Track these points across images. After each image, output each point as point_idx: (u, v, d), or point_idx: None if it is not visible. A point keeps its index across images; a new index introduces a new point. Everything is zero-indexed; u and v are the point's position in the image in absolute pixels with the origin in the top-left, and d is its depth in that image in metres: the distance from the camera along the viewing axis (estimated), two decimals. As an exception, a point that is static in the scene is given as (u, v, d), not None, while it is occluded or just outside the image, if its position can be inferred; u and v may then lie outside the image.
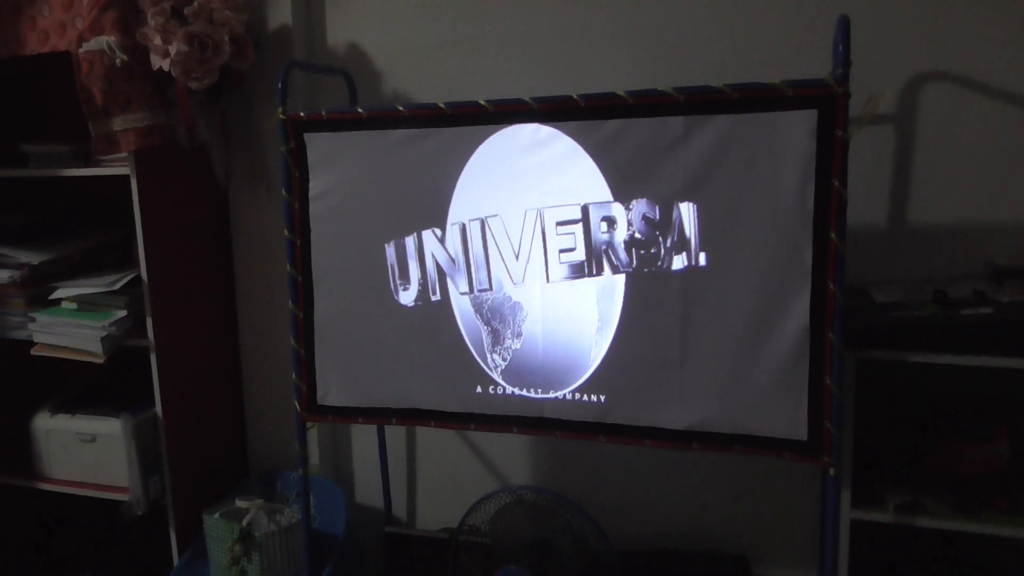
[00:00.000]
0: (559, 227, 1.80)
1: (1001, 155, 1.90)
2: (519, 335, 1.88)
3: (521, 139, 1.80)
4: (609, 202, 1.74)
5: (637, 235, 1.73)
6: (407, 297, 1.95)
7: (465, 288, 1.90)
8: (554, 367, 1.86)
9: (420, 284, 1.94)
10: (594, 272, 1.78)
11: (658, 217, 1.71)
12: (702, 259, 1.69)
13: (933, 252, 1.97)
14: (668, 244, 1.71)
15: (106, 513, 2.49)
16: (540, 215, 1.81)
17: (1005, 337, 1.64)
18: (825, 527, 1.79)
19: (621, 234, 1.75)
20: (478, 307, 1.90)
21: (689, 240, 1.69)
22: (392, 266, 1.95)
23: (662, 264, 1.72)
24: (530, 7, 2.21)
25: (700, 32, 2.08)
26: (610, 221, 1.75)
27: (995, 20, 1.86)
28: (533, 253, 1.83)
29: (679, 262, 1.71)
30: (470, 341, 1.92)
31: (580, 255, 1.79)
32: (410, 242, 1.93)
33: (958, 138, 1.93)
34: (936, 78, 1.92)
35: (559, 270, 1.82)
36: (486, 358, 1.91)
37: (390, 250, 1.95)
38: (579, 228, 1.78)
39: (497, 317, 1.89)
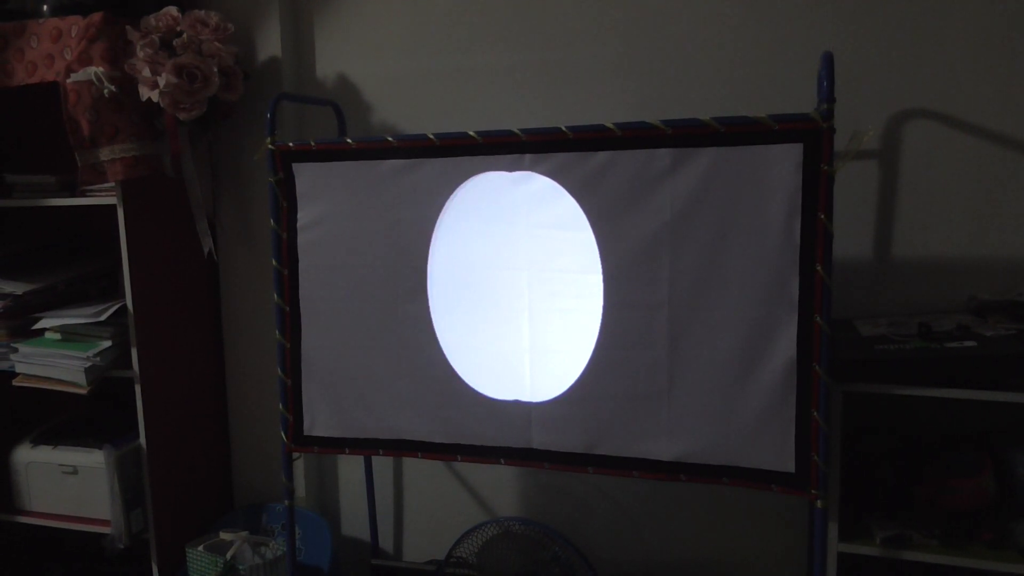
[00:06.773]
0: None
1: (983, 191, 1.93)
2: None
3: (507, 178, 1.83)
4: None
5: None
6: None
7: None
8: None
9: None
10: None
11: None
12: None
13: (917, 286, 1.99)
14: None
15: (87, 547, 2.46)
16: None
17: (989, 371, 1.66)
18: (812, 559, 1.79)
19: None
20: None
21: None
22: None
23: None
24: (518, 41, 2.24)
25: (688, 67, 2.10)
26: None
27: (976, 58, 1.90)
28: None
29: None
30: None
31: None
32: (402, 271, 1.94)
33: (941, 174, 1.95)
34: (919, 115, 1.95)
35: None
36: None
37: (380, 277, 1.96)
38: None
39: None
